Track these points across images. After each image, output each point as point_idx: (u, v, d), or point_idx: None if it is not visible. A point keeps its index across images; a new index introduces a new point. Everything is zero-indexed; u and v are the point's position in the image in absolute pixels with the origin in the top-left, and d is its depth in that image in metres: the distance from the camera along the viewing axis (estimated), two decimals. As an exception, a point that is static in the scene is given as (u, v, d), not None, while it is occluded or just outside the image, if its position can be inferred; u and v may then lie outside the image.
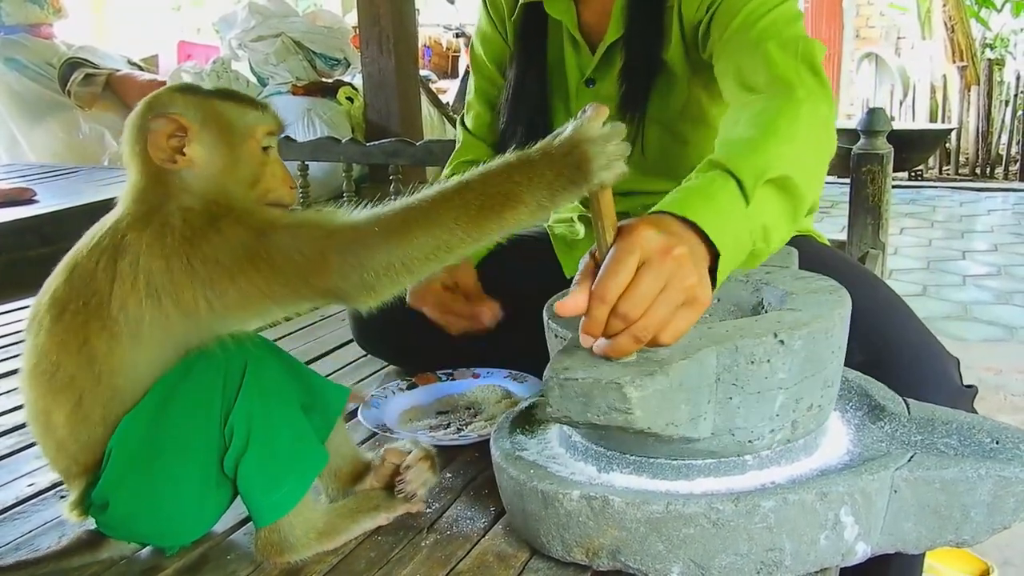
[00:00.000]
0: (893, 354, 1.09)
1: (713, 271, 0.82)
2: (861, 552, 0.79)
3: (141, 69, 5.26)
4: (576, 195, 0.77)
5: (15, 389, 1.45)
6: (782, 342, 0.79)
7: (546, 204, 0.77)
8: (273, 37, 4.66)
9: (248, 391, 0.83)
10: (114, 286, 0.81)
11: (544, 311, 0.93)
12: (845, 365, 0.91)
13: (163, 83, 4.82)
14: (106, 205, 0.90)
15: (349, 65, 4.89)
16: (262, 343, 0.88)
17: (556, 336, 0.89)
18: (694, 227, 0.81)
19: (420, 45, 5.78)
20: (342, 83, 4.52)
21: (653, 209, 0.84)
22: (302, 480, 0.87)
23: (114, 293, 0.81)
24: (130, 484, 0.84)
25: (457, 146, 1.51)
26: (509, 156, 0.79)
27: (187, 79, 4.62)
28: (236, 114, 0.88)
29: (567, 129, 0.77)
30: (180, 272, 0.80)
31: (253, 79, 4.71)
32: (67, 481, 0.89)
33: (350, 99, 4.37)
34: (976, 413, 1.01)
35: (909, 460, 0.80)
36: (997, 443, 0.84)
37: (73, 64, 4.76)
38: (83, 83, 4.70)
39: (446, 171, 1.47)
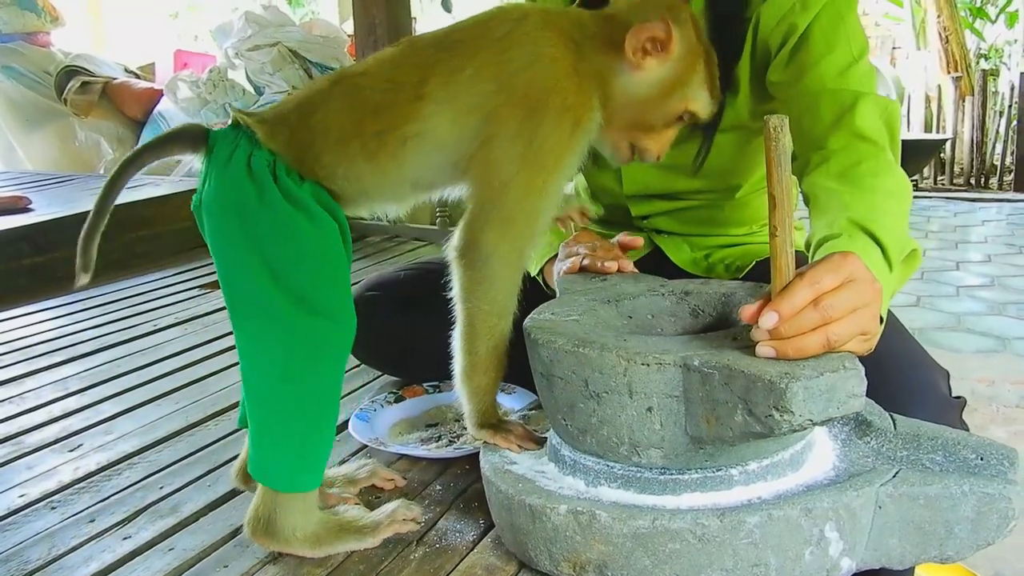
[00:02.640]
0: (881, 365, 1.09)
1: None
2: (846, 568, 0.80)
3: (138, 77, 5.27)
4: None
5: (10, 398, 1.45)
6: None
7: None
8: (269, 46, 4.66)
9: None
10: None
11: (525, 323, 0.93)
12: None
13: (159, 92, 4.83)
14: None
15: (345, 74, 4.89)
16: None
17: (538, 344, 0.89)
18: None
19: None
20: (338, 92, 4.52)
21: (827, 247, 0.86)
22: (320, 463, 0.90)
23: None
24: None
25: None
26: None
27: (183, 88, 4.63)
28: (701, 78, 0.91)
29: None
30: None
31: (249, 88, 4.72)
32: (290, 147, 0.88)
33: (346, 108, 4.36)
34: (964, 424, 1.01)
35: (894, 476, 0.81)
36: (982, 459, 0.85)
37: (70, 72, 4.77)
38: (80, 91, 4.71)
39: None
